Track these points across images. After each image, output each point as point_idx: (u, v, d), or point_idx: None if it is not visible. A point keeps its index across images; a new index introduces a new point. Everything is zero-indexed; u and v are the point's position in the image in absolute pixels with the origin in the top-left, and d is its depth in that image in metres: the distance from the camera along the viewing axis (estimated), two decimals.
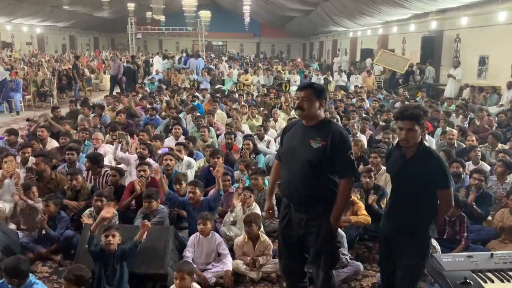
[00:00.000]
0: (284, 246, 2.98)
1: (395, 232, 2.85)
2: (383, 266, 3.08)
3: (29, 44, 28.89)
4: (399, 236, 2.81)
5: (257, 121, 8.97)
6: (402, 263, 2.80)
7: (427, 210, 2.79)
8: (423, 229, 2.79)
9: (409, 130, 2.69)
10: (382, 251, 3.07)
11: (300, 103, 2.73)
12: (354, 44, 26.88)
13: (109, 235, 3.47)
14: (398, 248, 2.83)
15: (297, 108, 2.74)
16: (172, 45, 40.30)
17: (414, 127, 2.69)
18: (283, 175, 2.85)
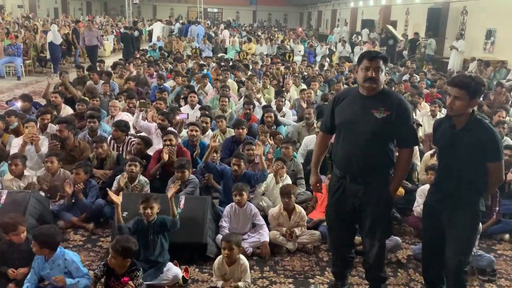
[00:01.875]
0: (336, 218, 2.96)
1: (443, 205, 2.81)
2: (428, 239, 3.05)
3: (21, 7, 27.97)
4: (448, 209, 2.78)
5: (268, 93, 8.86)
6: (452, 237, 2.77)
7: (477, 183, 2.74)
8: (473, 203, 2.76)
9: (456, 98, 2.62)
10: (427, 224, 3.01)
11: (376, 74, 2.64)
12: (355, 15, 26.46)
13: (147, 207, 3.41)
14: (446, 221, 2.80)
15: (370, 79, 2.64)
16: (167, 11, 39.32)
17: (462, 96, 2.61)
18: (340, 147, 2.78)
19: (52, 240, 2.93)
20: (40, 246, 2.90)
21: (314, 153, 3.08)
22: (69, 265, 2.94)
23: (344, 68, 11.67)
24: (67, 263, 2.94)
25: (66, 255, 2.98)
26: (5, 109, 7.98)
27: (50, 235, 2.92)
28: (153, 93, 8.28)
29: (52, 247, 2.93)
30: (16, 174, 4.23)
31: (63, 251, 3.00)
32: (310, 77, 10.45)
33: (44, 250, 2.92)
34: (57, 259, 2.96)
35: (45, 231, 2.98)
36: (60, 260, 2.95)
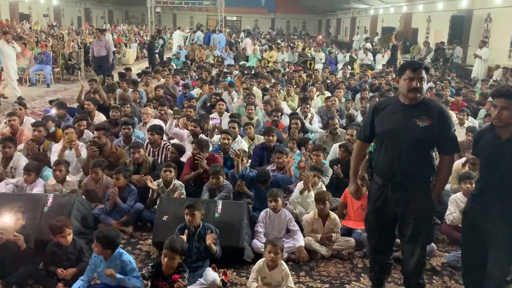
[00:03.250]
0: (376, 225, 3.02)
1: (485, 215, 2.82)
2: (468, 248, 3.06)
3: (46, 16, 28.75)
4: (490, 219, 2.77)
5: (292, 100, 8.94)
6: (495, 247, 2.77)
7: None
8: None
9: (503, 108, 2.65)
10: (467, 233, 3.02)
11: (420, 84, 2.71)
12: (375, 22, 26.43)
13: (189, 214, 3.52)
14: (488, 231, 2.80)
15: (415, 89, 2.71)
16: (186, 19, 39.88)
17: (509, 105, 2.64)
18: (382, 155, 2.85)
19: (114, 242, 3.06)
20: (103, 247, 3.04)
21: (353, 162, 3.15)
22: (125, 265, 3.06)
23: (367, 77, 11.68)
24: (124, 264, 3.06)
25: (123, 255, 3.11)
26: (40, 116, 8.26)
27: (112, 237, 3.06)
28: (179, 101, 8.43)
29: (113, 248, 3.07)
30: (59, 180, 4.40)
31: (120, 252, 3.13)
32: (333, 84, 10.52)
33: (106, 251, 3.06)
34: (115, 259, 3.09)
35: (107, 233, 3.10)
36: (118, 260, 3.08)
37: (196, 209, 3.51)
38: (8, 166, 4.74)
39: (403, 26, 21.88)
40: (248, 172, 4.60)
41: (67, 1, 30.18)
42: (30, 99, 10.22)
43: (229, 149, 5.33)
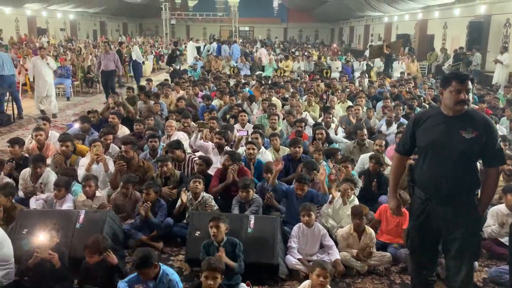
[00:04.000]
0: (419, 241, 2.92)
1: None
2: None
3: (63, 30, 29.25)
4: None
5: (313, 110, 8.87)
6: None
7: None
8: None
9: None
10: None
11: (468, 96, 2.63)
12: (389, 30, 26.30)
13: (213, 226, 3.47)
14: None
15: (463, 101, 2.62)
16: (200, 30, 40.27)
17: None
18: (426, 169, 2.75)
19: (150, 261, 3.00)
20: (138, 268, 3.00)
21: (392, 176, 3.06)
22: (172, 286, 3.01)
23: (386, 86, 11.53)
24: (171, 284, 3.01)
25: (171, 276, 3.05)
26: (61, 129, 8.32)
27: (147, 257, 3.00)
28: (201, 113, 8.41)
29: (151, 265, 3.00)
30: (89, 195, 4.38)
31: (166, 272, 3.07)
32: (353, 93, 10.42)
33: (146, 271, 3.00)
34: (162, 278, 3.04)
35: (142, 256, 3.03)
36: (165, 280, 3.03)
37: (221, 221, 3.47)
38: (38, 182, 4.74)
39: (418, 32, 21.74)
40: (280, 185, 4.51)
41: (83, 15, 30.66)
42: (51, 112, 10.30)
43: (255, 160, 5.28)
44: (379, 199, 4.90)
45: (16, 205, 4.07)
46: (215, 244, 3.51)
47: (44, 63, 9.55)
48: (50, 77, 9.83)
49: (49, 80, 9.74)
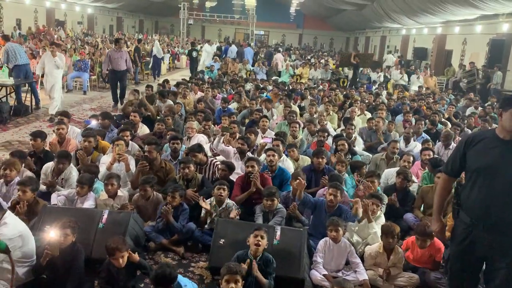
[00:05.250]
0: (461, 267, 2.79)
1: None
2: None
3: (80, 24, 29.39)
4: None
5: (332, 120, 8.75)
6: None
7: None
8: None
9: None
10: None
11: None
12: (406, 42, 26.14)
13: (258, 236, 3.35)
14: None
15: None
16: (215, 32, 40.35)
17: None
18: (476, 193, 2.63)
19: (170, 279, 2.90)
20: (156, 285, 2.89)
21: (437, 197, 2.93)
22: None
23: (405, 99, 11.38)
24: None
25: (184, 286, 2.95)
26: (78, 123, 8.28)
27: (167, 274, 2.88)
28: (218, 115, 8.33)
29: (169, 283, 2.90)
30: (111, 194, 4.30)
31: (180, 284, 2.97)
32: (372, 105, 10.30)
33: None
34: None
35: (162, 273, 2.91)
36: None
37: (266, 233, 3.36)
38: (59, 177, 4.67)
39: (436, 47, 21.56)
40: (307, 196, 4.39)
41: (101, 9, 30.79)
42: (69, 105, 10.29)
43: (276, 167, 5.17)
44: (404, 217, 4.79)
45: (39, 200, 4.00)
46: (251, 257, 3.37)
47: (52, 60, 8.75)
48: (56, 77, 8.97)
49: (53, 80, 8.91)
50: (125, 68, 10.02)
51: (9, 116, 8.41)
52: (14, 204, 3.89)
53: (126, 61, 9.99)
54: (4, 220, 3.08)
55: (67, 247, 3.21)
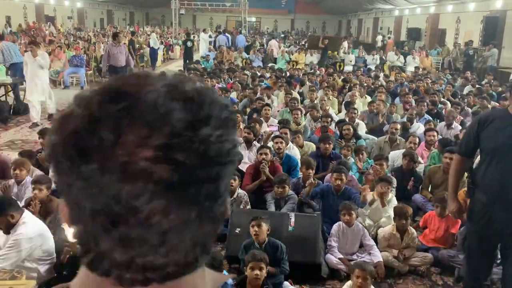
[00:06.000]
0: (478, 246, 2.85)
1: None
2: None
3: (70, 18, 29.05)
4: None
5: (332, 105, 8.77)
6: None
7: None
8: None
9: None
10: None
11: None
12: (399, 23, 26.06)
13: (255, 225, 3.42)
14: None
15: None
16: (206, 21, 39.96)
17: None
18: (491, 172, 2.67)
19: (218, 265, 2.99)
20: None
21: (452, 178, 2.97)
22: None
23: (403, 80, 11.41)
24: None
25: None
26: None
27: None
28: None
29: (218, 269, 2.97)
30: None
31: None
32: (371, 87, 10.32)
33: None
34: None
35: None
36: None
37: (263, 221, 3.42)
38: None
39: (430, 27, 21.53)
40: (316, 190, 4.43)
41: (90, 3, 30.42)
42: (67, 102, 10.17)
43: (284, 154, 5.21)
44: (413, 198, 4.85)
45: (52, 198, 4.01)
46: (257, 245, 3.44)
47: (33, 61, 7.54)
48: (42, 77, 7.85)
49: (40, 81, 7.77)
50: (125, 64, 9.50)
51: (9, 115, 8.37)
52: (28, 203, 3.90)
53: (126, 56, 9.53)
54: (23, 219, 3.10)
55: None
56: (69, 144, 0.44)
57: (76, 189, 0.45)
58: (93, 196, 0.44)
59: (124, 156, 0.42)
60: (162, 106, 0.44)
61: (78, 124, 0.44)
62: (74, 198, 0.46)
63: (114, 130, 0.43)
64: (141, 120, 0.43)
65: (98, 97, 0.45)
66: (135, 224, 0.44)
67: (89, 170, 0.43)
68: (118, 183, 0.43)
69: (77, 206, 0.46)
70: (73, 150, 0.44)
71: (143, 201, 0.43)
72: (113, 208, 0.43)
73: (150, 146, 0.43)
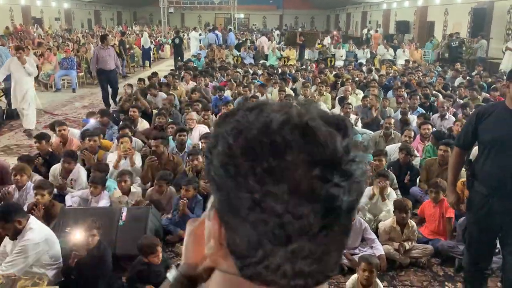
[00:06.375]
0: (478, 235, 2.93)
1: None
2: None
3: (57, 20, 28.76)
4: None
5: (326, 100, 8.83)
6: None
7: None
8: None
9: None
10: None
11: None
12: (387, 16, 26.17)
13: None
14: None
15: None
16: (195, 18, 39.80)
17: None
18: (489, 164, 2.74)
19: None
20: None
21: (451, 171, 3.05)
22: None
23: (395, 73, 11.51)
24: None
25: None
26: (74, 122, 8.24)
27: None
28: (214, 104, 8.33)
29: None
30: (124, 191, 4.35)
31: None
32: (363, 82, 10.39)
33: None
34: None
35: None
36: None
37: None
38: (69, 178, 4.69)
39: (418, 19, 21.68)
40: None
41: (78, 3, 30.12)
42: (60, 104, 10.20)
43: None
44: (411, 191, 4.93)
45: (55, 203, 4.03)
46: None
47: (20, 68, 7.14)
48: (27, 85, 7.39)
49: (24, 89, 7.30)
50: (114, 67, 9.33)
51: (2, 120, 8.31)
52: (31, 208, 3.91)
53: (114, 59, 9.31)
54: (29, 225, 3.12)
55: (94, 246, 3.26)
56: (258, 164, 0.48)
57: (252, 205, 0.49)
58: (275, 214, 0.48)
59: (307, 179, 0.48)
60: (325, 132, 0.50)
61: (268, 148, 0.49)
62: (246, 212, 0.50)
63: (299, 154, 0.48)
64: (315, 145, 0.49)
65: (280, 128, 0.50)
66: (307, 239, 0.49)
67: (279, 191, 0.48)
68: (305, 202, 0.48)
69: (245, 220, 0.50)
70: (263, 170, 0.48)
71: (317, 219, 0.48)
72: (293, 226, 0.48)
73: (320, 170, 0.48)
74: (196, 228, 0.66)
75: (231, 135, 0.51)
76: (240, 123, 0.52)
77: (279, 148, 0.49)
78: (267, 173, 0.48)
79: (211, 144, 0.54)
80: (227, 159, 0.51)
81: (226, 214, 0.52)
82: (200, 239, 0.63)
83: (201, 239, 0.62)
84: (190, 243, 0.67)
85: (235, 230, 0.52)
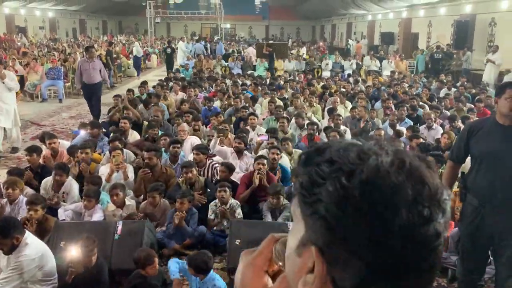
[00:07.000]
0: (471, 247, 3.00)
1: None
2: None
3: (42, 29, 28.51)
4: None
5: (316, 112, 8.91)
6: None
7: None
8: None
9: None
10: None
11: None
12: (372, 28, 26.62)
13: None
14: None
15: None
16: (181, 28, 39.80)
17: None
18: (480, 177, 2.83)
19: (206, 267, 3.09)
20: (196, 271, 3.07)
21: (445, 182, 3.12)
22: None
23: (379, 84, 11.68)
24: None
25: (216, 281, 3.07)
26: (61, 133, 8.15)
27: (204, 261, 3.09)
28: (204, 115, 8.32)
29: (206, 272, 3.08)
30: (118, 204, 4.32)
31: (213, 276, 3.10)
32: (350, 93, 10.52)
33: (199, 275, 3.09)
34: (207, 282, 3.10)
35: (200, 258, 3.14)
36: (210, 284, 3.06)
37: None
38: (60, 191, 4.64)
39: (402, 31, 22.10)
40: None
41: (62, 12, 29.90)
42: (47, 115, 10.09)
43: (277, 164, 5.29)
44: None
45: (48, 217, 3.98)
46: None
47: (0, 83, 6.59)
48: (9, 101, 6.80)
49: (5, 106, 6.71)
50: (99, 80, 8.86)
51: None
52: (23, 223, 3.86)
53: (101, 71, 8.87)
54: (25, 240, 3.08)
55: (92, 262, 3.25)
56: (376, 204, 0.51)
57: (370, 243, 0.51)
58: (391, 251, 0.51)
59: (417, 217, 0.52)
60: (427, 172, 0.55)
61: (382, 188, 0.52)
62: (364, 250, 0.51)
63: (409, 194, 0.52)
64: (421, 185, 0.53)
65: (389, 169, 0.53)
66: (414, 276, 0.53)
67: (395, 228, 0.51)
68: (417, 240, 0.52)
69: (360, 259, 0.52)
70: (381, 209, 0.51)
71: (425, 256, 0.53)
72: (407, 261, 0.52)
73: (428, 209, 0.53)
74: (254, 260, 0.68)
75: (343, 176, 0.53)
76: (345, 164, 0.54)
77: (392, 188, 0.52)
78: (385, 211, 0.51)
79: (308, 181, 0.55)
80: (343, 199, 0.52)
81: (335, 252, 0.53)
82: (259, 271, 0.65)
83: (260, 271, 0.64)
84: (249, 274, 0.68)
85: (345, 268, 0.53)
